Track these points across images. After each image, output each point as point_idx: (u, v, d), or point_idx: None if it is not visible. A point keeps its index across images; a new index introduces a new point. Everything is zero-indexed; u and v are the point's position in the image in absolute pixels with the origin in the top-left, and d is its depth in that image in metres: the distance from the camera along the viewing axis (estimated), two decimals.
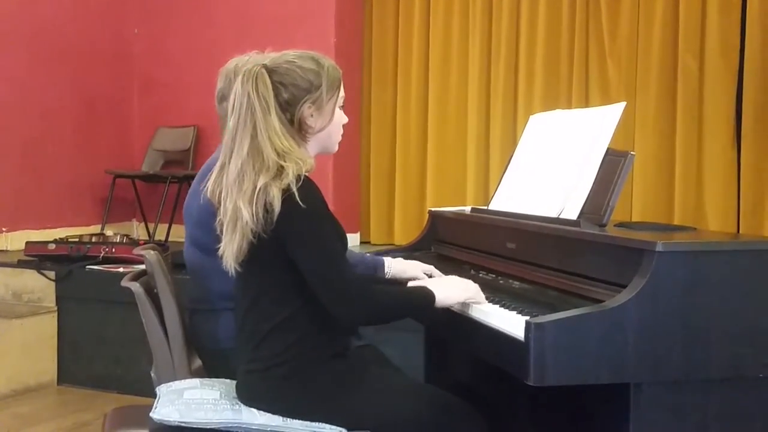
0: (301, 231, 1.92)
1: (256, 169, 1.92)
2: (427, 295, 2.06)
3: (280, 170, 1.91)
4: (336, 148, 2.17)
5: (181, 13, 6.04)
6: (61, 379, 4.55)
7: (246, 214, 1.90)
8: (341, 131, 2.15)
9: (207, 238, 2.15)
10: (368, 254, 2.62)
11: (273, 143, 1.94)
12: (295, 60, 2.04)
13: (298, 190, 1.89)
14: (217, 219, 2.02)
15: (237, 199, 1.92)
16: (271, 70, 2.00)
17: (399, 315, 2.11)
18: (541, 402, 2.40)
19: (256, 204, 1.90)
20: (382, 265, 2.51)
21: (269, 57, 2.06)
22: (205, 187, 2.07)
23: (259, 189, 1.90)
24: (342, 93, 2.11)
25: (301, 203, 1.89)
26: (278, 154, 1.93)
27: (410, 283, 2.24)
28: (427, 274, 2.47)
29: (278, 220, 1.90)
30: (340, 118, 2.12)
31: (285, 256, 1.94)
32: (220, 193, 2.00)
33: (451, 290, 2.10)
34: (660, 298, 1.80)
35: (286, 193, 1.89)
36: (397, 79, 5.72)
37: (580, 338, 1.76)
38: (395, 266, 2.51)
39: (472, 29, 5.43)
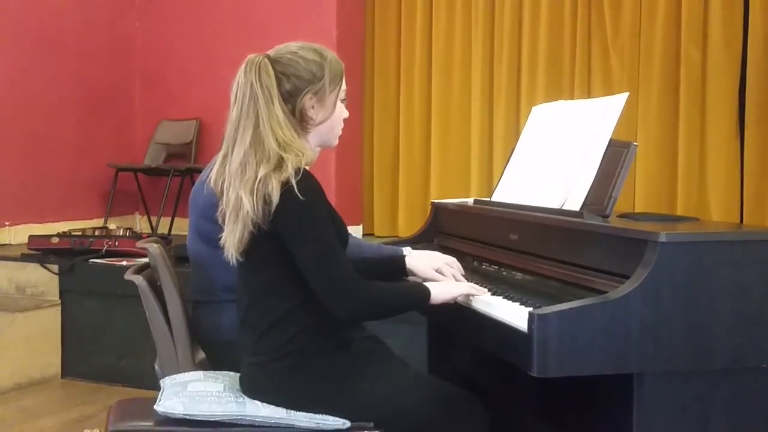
0: (298, 226, 1.93)
1: (257, 159, 1.93)
2: (422, 291, 2.07)
3: (281, 162, 1.92)
4: (336, 141, 2.17)
5: (183, 7, 6.03)
6: (65, 372, 4.55)
7: (247, 204, 1.90)
8: (342, 125, 2.15)
9: (212, 229, 2.15)
10: (386, 246, 2.59)
11: (275, 133, 1.94)
12: (298, 51, 2.05)
13: (297, 183, 1.89)
14: (219, 209, 2.02)
15: (239, 189, 1.93)
16: (273, 60, 2.01)
17: (394, 311, 2.11)
18: (544, 393, 2.40)
19: (256, 194, 1.90)
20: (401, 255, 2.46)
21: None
22: (208, 177, 2.08)
23: (260, 179, 1.91)
24: (344, 86, 2.11)
25: (299, 197, 1.89)
26: (279, 145, 1.93)
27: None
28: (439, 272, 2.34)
29: (276, 212, 1.90)
30: (341, 111, 2.13)
31: (285, 248, 1.95)
32: (223, 182, 2.00)
33: (445, 287, 2.11)
34: (663, 289, 1.80)
35: (285, 186, 1.90)
36: (400, 70, 5.71)
37: (583, 329, 1.76)
38: (407, 258, 2.39)
39: (474, 21, 5.42)
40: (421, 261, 2.31)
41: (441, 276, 2.25)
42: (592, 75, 5.05)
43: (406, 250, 2.51)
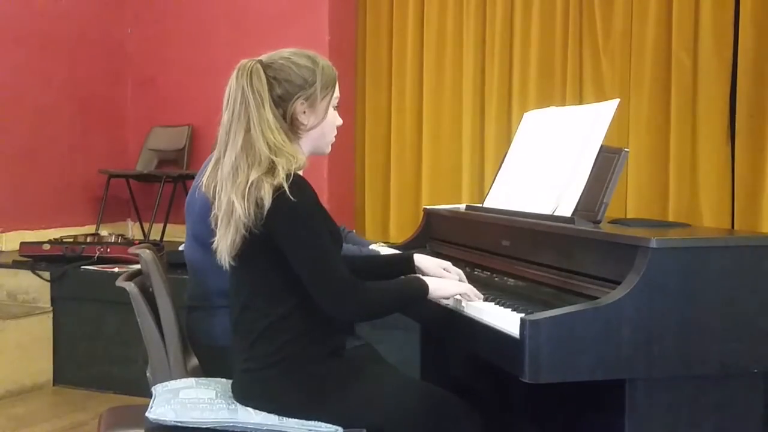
0: (292, 229, 1.93)
1: (249, 163, 1.94)
2: (420, 286, 2.06)
3: (272, 165, 1.93)
4: (328, 149, 2.17)
5: (175, 13, 6.03)
6: (57, 379, 4.54)
7: (239, 207, 1.91)
8: (335, 132, 2.15)
9: (209, 233, 2.16)
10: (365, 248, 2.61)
11: (266, 137, 1.95)
12: (291, 57, 2.06)
13: (289, 187, 1.90)
14: (212, 213, 2.03)
15: (231, 192, 1.94)
16: (266, 66, 2.02)
17: (392, 309, 2.11)
18: (536, 398, 2.40)
19: (248, 198, 1.91)
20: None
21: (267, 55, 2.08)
22: (200, 182, 2.08)
23: (252, 183, 1.91)
24: (337, 93, 2.12)
25: (291, 201, 1.89)
26: (270, 148, 1.94)
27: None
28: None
29: (267, 215, 1.91)
30: (334, 118, 2.13)
31: (277, 253, 1.95)
32: (215, 187, 2.01)
33: (445, 283, 2.11)
34: (654, 295, 1.80)
35: (278, 190, 1.90)
36: (392, 76, 5.72)
37: (574, 335, 1.76)
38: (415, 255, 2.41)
39: (466, 27, 5.43)
40: (430, 259, 2.31)
41: (447, 274, 2.25)
42: (584, 80, 5.07)
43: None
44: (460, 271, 2.29)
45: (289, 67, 2.03)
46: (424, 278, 2.10)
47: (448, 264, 2.31)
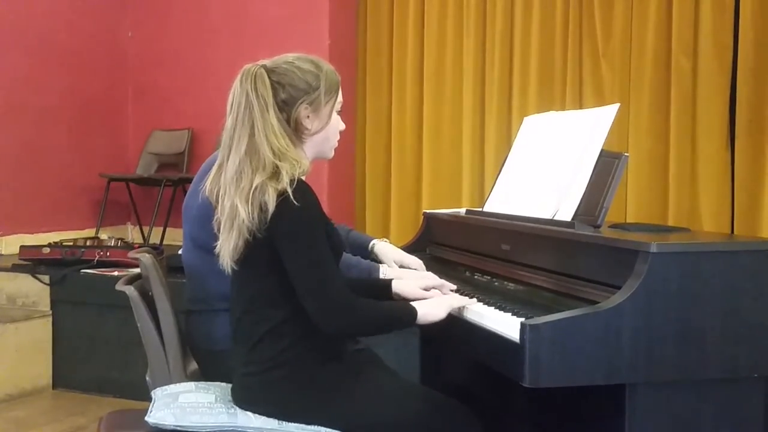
0: (291, 237, 1.93)
1: (253, 167, 1.94)
2: (409, 312, 2.05)
3: (276, 170, 1.93)
4: (332, 153, 2.17)
5: (176, 16, 6.04)
6: (57, 383, 4.54)
7: (242, 212, 1.91)
8: (338, 137, 2.16)
9: (207, 236, 2.15)
10: (364, 260, 2.58)
11: (270, 142, 1.95)
12: (295, 61, 2.06)
13: (293, 192, 1.90)
14: (215, 217, 2.03)
15: (234, 197, 1.94)
16: (270, 70, 2.03)
17: (380, 330, 2.11)
18: (536, 403, 2.40)
19: (252, 202, 1.91)
20: (377, 270, 2.49)
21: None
22: (203, 186, 2.08)
23: (256, 187, 1.91)
24: (340, 98, 2.12)
25: (295, 206, 1.89)
26: (274, 153, 1.94)
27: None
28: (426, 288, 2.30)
29: (271, 220, 1.91)
30: (337, 123, 2.13)
31: (279, 258, 1.95)
32: (218, 191, 2.01)
33: (433, 308, 2.09)
34: (654, 299, 1.80)
35: (282, 195, 1.90)
36: (392, 81, 5.72)
37: (574, 339, 1.76)
38: (393, 282, 2.36)
39: (466, 31, 5.43)
40: (408, 284, 2.28)
41: (429, 293, 2.23)
42: (584, 84, 5.07)
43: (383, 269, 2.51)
44: (442, 281, 2.27)
45: (293, 72, 2.04)
46: (415, 303, 2.08)
47: (426, 281, 2.28)
